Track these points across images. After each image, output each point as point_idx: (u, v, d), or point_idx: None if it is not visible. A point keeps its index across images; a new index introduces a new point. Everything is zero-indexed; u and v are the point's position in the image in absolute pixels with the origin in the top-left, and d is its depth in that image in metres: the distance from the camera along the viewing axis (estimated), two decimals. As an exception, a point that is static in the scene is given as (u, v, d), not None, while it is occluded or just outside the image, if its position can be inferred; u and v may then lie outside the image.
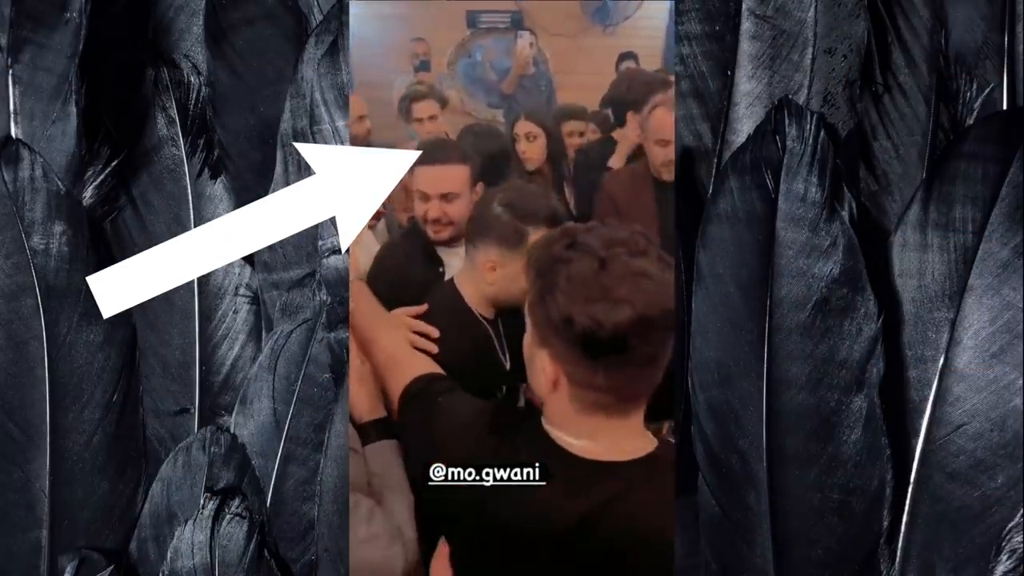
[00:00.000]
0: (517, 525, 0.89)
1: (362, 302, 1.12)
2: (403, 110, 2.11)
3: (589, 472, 0.88)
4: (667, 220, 1.48)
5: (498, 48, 2.51)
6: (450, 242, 1.40)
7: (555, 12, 2.54)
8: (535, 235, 1.21)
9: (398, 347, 1.10)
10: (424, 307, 1.20)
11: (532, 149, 1.96)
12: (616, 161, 1.85)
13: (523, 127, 1.98)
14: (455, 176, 1.41)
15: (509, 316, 1.25)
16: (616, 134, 1.92)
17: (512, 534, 0.89)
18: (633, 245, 0.86)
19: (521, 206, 1.24)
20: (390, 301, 1.19)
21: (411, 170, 1.34)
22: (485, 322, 1.26)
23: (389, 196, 1.07)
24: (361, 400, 1.05)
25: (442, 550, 0.95)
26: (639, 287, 0.84)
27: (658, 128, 1.57)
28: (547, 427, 0.91)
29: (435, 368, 1.05)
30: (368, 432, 1.05)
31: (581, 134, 2.00)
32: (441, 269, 1.39)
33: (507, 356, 1.26)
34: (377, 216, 1.15)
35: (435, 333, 1.16)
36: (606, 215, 1.60)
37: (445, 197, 1.39)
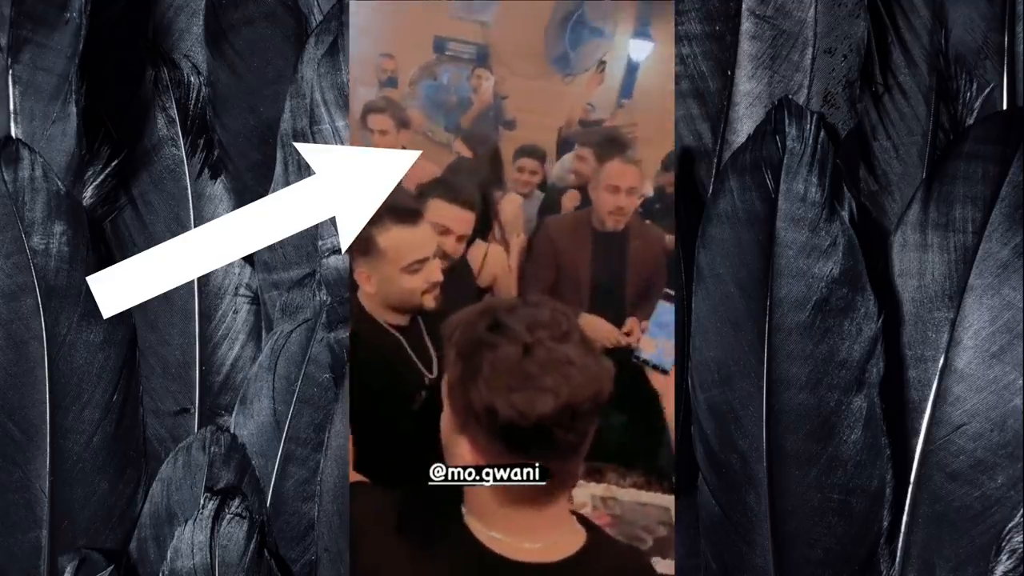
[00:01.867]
0: None
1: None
2: (362, 119, 2.14)
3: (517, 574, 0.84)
4: (600, 272, 1.61)
5: (461, 75, 2.54)
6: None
7: (519, 52, 2.58)
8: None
9: None
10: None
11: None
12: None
13: (459, 146, 2.12)
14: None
15: (427, 318, 1.27)
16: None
17: None
18: (556, 328, 0.84)
19: None
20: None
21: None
22: (395, 331, 1.26)
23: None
24: None
25: None
26: (563, 375, 0.81)
27: (613, 174, 1.64)
28: (467, 519, 0.87)
29: None
30: None
31: (533, 172, 2.03)
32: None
33: (430, 361, 1.26)
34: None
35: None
36: (542, 257, 1.66)
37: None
